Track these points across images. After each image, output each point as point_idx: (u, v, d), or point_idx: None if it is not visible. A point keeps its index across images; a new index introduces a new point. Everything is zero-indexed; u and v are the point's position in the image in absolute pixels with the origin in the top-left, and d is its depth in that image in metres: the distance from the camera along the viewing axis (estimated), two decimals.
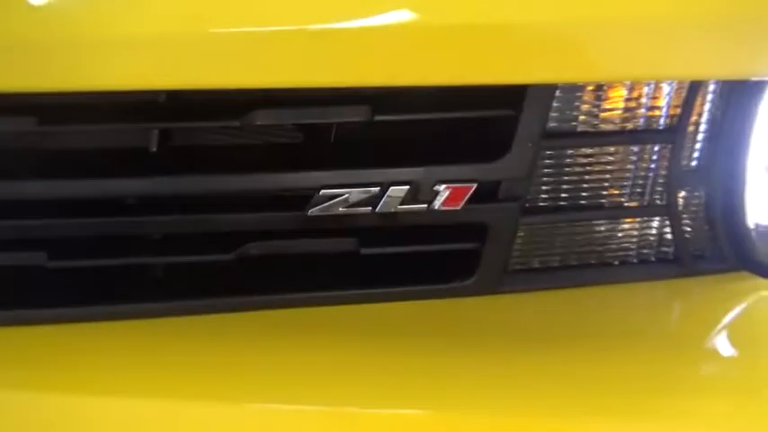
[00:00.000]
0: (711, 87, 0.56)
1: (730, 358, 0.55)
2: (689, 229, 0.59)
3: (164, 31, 0.44)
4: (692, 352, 0.54)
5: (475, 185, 0.53)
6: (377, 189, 0.53)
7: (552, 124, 0.54)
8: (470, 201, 0.54)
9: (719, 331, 0.57)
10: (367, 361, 0.52)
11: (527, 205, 0.57)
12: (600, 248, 0.60)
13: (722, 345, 0.56)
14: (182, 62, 0.45)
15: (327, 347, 0.53)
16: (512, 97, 0.52)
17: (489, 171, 0.54)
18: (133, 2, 0.44)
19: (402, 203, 0.54)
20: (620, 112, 0.55)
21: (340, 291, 0.57)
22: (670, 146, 0.56)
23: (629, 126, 0.56)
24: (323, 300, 0.56)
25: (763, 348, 0.56)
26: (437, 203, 0.54)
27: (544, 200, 0.57)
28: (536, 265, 0.60)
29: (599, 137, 0.55)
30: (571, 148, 0.55)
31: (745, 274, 0.60)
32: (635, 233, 0.60)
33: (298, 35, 0.45)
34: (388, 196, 0.53)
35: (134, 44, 0.45)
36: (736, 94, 0.55)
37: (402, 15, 0.46)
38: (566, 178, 0.57)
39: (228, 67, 0.46)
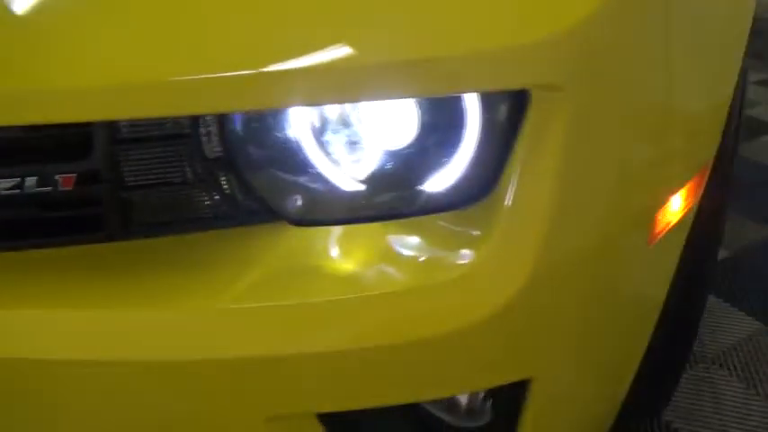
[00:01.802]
0: None
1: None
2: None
3: None
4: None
5: (75, 174, 0.87)
6: (20, 179, 0.87)
7: (119, 134, 0.86)
8: (84, 182, 0.88)
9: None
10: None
11: (128, 184, 0.90)
12: (188, 208, 0.92)
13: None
14: None
15: None
16: None
17: (82, 165, 0.87)
18: None
19: (39, 187, 0.88)
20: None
21: (22, 240, 0.93)
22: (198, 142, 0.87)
23: (173, 131, 0.87)
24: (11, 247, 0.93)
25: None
26: (59, 187, 0.88)
27: (135, 180, 0.90)
28: (150, 221, 0.93)
29: (152, 141, 0.87)
30: (133, 150, 0.87)
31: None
32: (206, 198, 0.91)
33: None
34: (26, 184, 0.88)
35: None
36: None
37: None
38: (143, 166, 0.89)
39: None
